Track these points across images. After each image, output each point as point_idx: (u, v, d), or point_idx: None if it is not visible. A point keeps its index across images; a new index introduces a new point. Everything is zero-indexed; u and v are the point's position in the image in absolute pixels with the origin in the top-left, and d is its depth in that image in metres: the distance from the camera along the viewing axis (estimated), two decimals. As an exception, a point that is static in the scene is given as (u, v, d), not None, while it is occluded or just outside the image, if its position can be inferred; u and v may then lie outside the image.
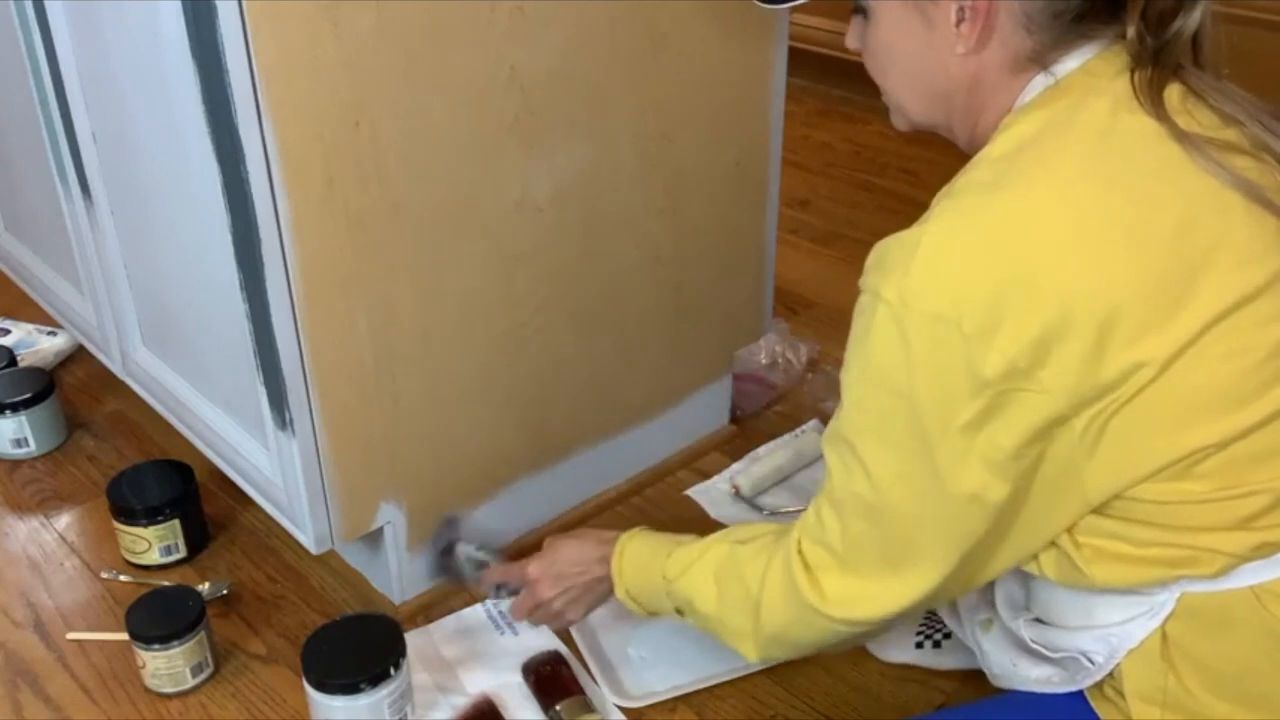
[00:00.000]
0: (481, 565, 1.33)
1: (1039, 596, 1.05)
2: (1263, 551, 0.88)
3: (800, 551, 0.99)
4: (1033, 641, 1.04)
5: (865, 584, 0.96)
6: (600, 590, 1.23)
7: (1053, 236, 0.85)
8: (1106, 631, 0.96)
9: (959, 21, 0.90)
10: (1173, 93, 0.89)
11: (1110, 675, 0.97)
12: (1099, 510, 0.90)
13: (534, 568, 1.26)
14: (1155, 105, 0.87)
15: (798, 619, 1.00)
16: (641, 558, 1.17)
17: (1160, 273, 0.84)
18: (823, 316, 1.99)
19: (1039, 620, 1.05)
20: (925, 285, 0.85)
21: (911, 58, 0.96)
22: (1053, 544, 0.94)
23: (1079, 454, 0.87)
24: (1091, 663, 0.97)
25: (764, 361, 1.81)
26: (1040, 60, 0.91)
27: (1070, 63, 0.91)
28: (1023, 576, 1.08)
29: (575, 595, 1.25)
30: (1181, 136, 0.87)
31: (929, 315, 0.85)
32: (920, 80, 0.97)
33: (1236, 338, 0.85)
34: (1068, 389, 0.84)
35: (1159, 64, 0.88)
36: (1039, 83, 0.92)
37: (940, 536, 0.92)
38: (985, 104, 0.95)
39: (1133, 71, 0.89)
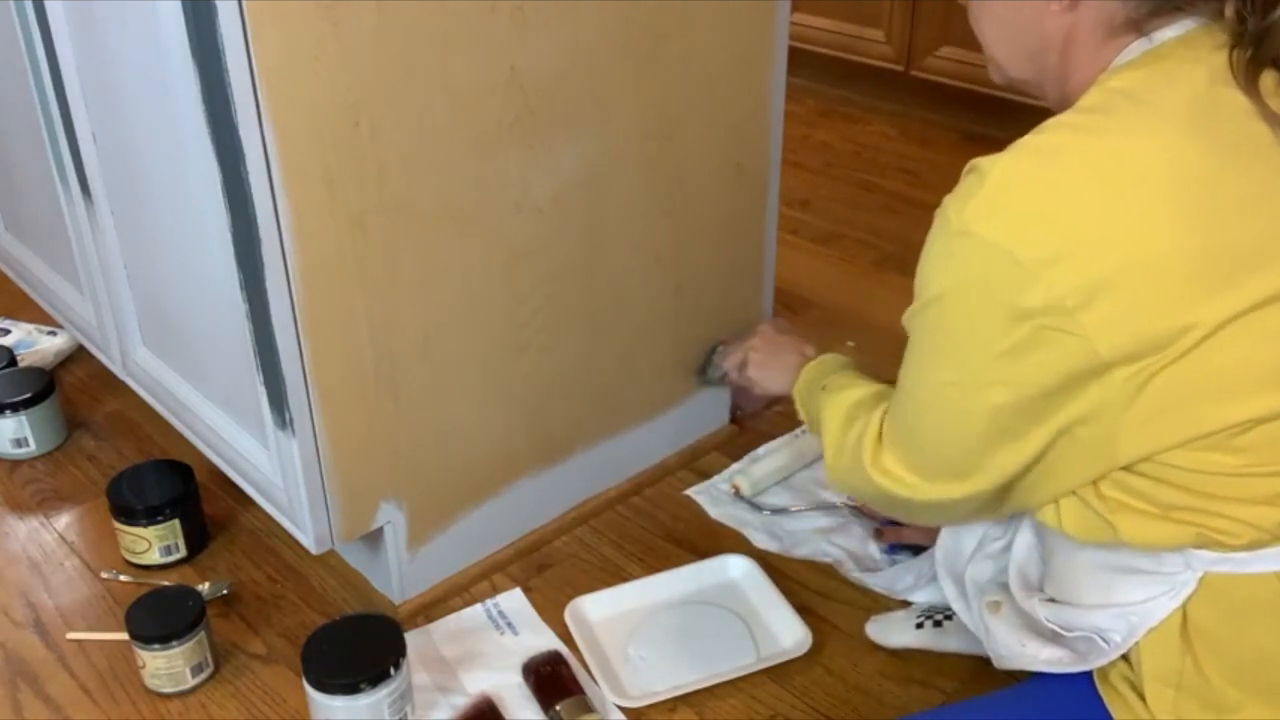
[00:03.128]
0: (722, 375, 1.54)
1: (1056, 574, 1.05)
2: None
3: (878, 422, 1.07)
4: (1048, 620, 1.04)
5: (907, 465, 1.02)
6: (785, 378, 1.34)
7: (1128, 187, 0.85)
8: (1126, 609, 0.96)
9: None
10: (1268, 78, 0.89)
11: (1123, 659, 0.97)
12: (1126, 468, 0.91)
13: (764, 327, 1.48)
14: (1250, 84, 0.88)
15: (854, 469, 1.08)
16: (821, 369, 1.28)
17: (1229, 242, 0.85)
18: (823, 316, 1.99)
19: (1053, 600, 1.05)
20: (986, 212, 0.88)
21: (1007, 12, 0.97)
22: (1074, 495, 0.96)
23: (1115, 408, 0.88)
24: (1107, 642, 0.97)
25: (764, 361, 1.81)
26: (1137, 26, 0.91)
27: (1168, 32, 0.91)
28: (1040, 555, 1.09)
29: (768, 363, 1.41)
30: (1273, 119, 0.87)
31: (985, 241, 0.87)
32: (1015, 36, 0.98)
33: None
34: (1110, 337, 0.85)
35: (1259, 47, 0.88)
36: (1136, 47, 0.92)
37: (972, 441, 0.95)
38: (1077, 64, 0.95)
39: (1231, 50, 0.89)
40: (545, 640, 1.34)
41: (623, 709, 1.25)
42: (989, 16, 1.00)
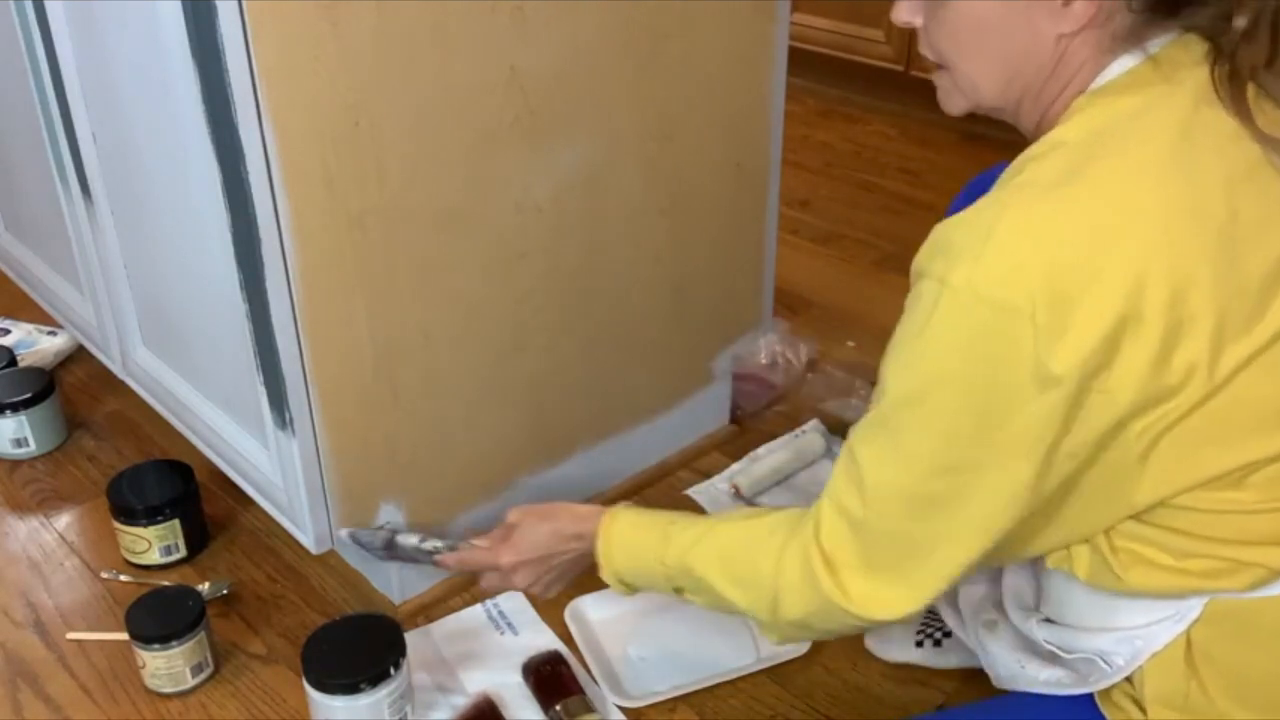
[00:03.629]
0: (432, 552, 1.25)
1: (1053, 596, 1.03)
2: None
3: (820, 545, 0.94)
4: (1046, 642, 1.02)
5: (892, 582, 0.92)
6: (581, 566, 1.19)
7: (1135, 230, 0.81)
8: (1130, 634, 0.94)
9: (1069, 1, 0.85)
10: (1246, 86, 0.85)
11: (1126, 679, 0.95)
12: (1140, 517, 0.89)
13: (507, 557, 1.19)
14: (1238, 103, 0.84)
15: (819, 611, 0.96)
16: (633, 540, 1.11)
17: (1239, 279, 0.82)
18: (823, 316, 1.99)
19: (1051, 620, 1.03)
20: (1000, 273, 0.80)
21: (1002, 35, 0.88)
22: (1087, 543, 0.93)
23: (1131, 459, 0.85)
24: (1109, 664, 0.96)
25: (764, 361, 1.81)
26: (1132, 39, 0.86)
27: (1154, 46, 0.86)
28: (1032, 574, 1.07)
29: (554, 577, 1.21)
30: (1262, 139, 0.84)
31: (1002, 305, 0.80)
32: (1007, 60, 0.89)
33: None
34: (1131, 391, 0.81)
35: (1242, 60, 0.84)
36: (1121, 64, 0.87)
37: (978, 529, 0.89)
38: (1065, 86, 0.89)
39: (1213, 64, 0.85)
40: (545, 640, 1.34)
41: (623, 709, 1.25)
42: (976, 41, 0.90)
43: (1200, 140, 0.84)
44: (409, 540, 1.27)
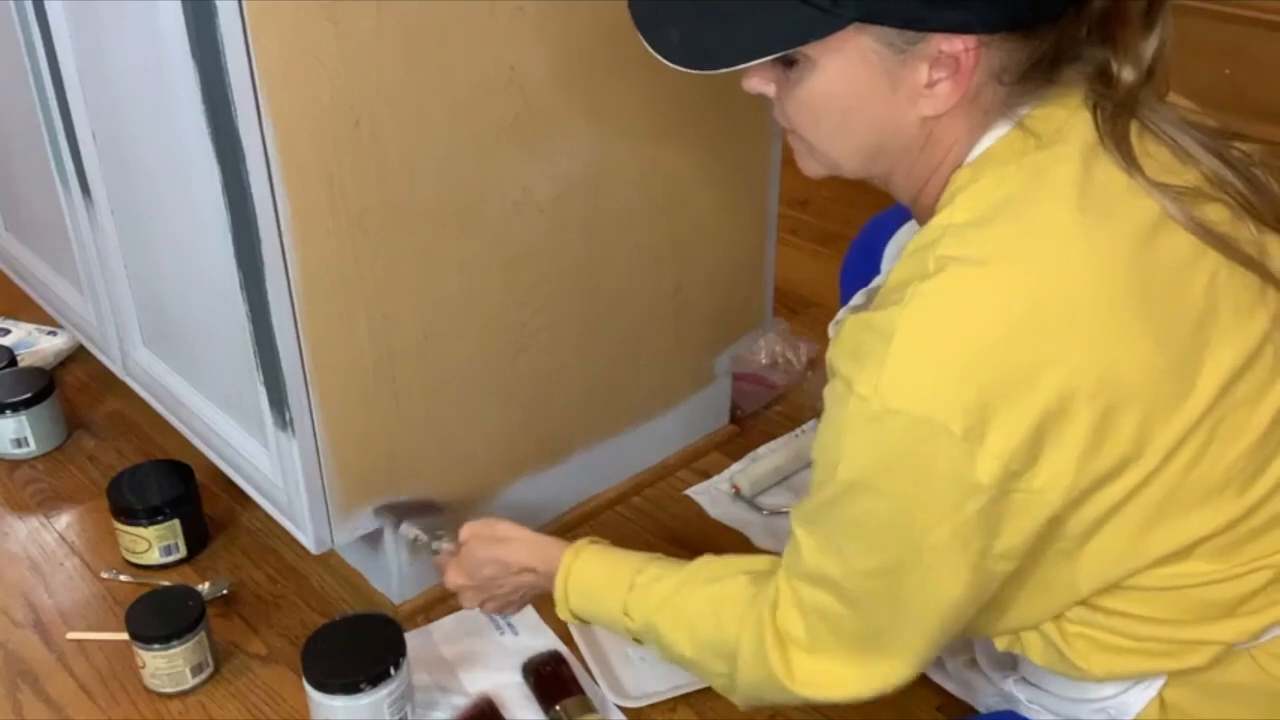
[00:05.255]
0: (422, 546, 1.27)
1: (1026, 665, 1.00)
2: (1261, 632, 0.85)
3: (775, 622, 0.91)
4: (1029, 702, 1.00)
5: (835, 667, 0.90)
6: (530, 598, 1.18)
7: (1048, 322, 0.77)
8: (1102, 704, 0.92)
9: (933, 83, 0.80)
10: (1130, 131, 0.82)
11: None
12: (1089, 602, 0.86)
13: (453, 576, 1.18)
14: (1127, 158, 0.81)
15: (766, 684, 0.93)
16: (596, 586, 1.07)
17: (1162, 354, 0.78)
18: (823, 316, 1.99)
19: (1028, 681, 1.01)
20: (905, 382, 0.77)
21: (859, 116, 0.84)
22: (1036, 630, 0.91)
23: (1071, 549, 0.83)
24: None
25: (764, 361, 1.81)
26: (1004, 111, 0.83)
27: (1026, 108, 0.83)
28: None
29: (499, 605, 1.19)
30: (1156, 190, 0.80)
31: (912, 417, 0.76)
32: (865, 139, 0.85)
33: (1235, 417, 0.81)
34: (1063, 488, 0.78)
35: (1125, 104, 0.81)
36: (996, 132, 0.83)
37: (919, 629, 0.86)
38: (939, 162, 0.85)
39: (1094, 111, 0.82)
40: (545, 640, 1.34)
41: (623, 709, 1.25)
42: (831, 120, 0.85)
43: (1097, 204, 0.80)
44: (409, 532, 1.27)
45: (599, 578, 1.07)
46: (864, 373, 0.79)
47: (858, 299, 1.03)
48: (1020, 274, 0.78)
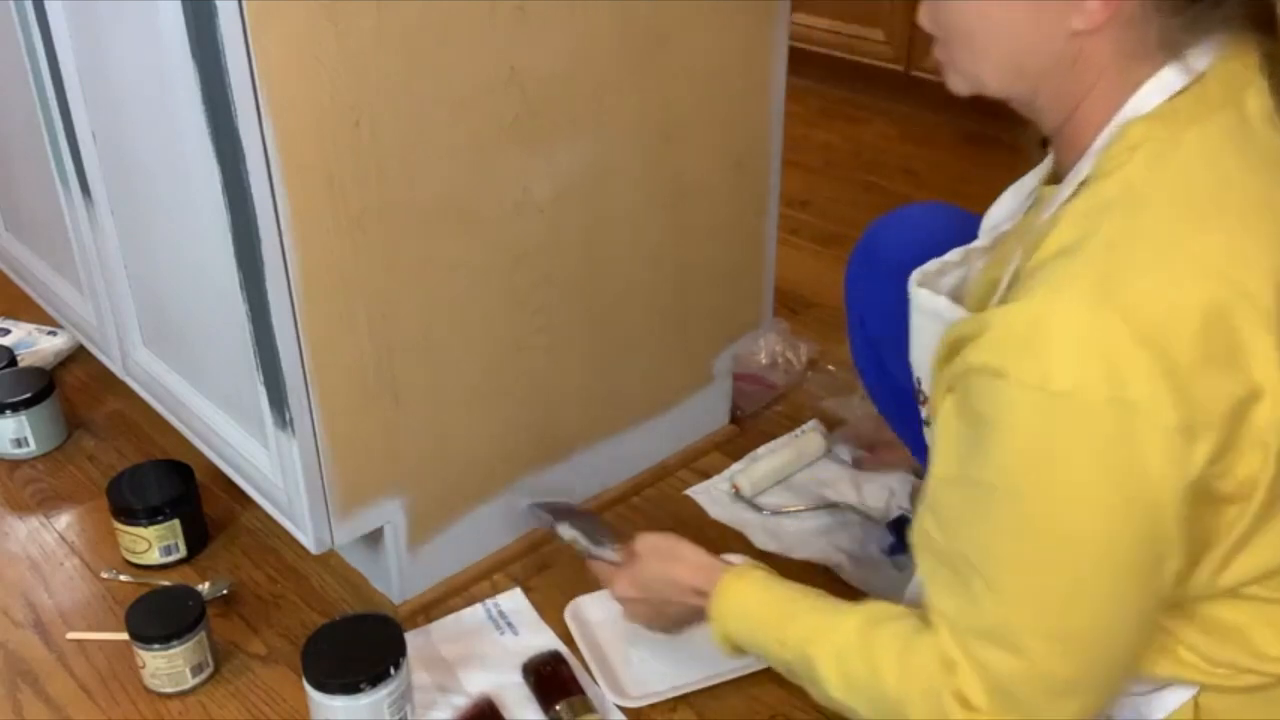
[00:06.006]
0: (581, 550, 1.29)
1: None
2: None
3: (953, 682, 0.84)
4: None
5: (1040, 694, 0.83)
6: (692, 619, 1.16)
7: (1244, 306, 0.74)
8: (1136, 699, 0.90)
9: None
10: None
11: None
12: (1189, 609, 0.84)
13: (623, 588, 1.20)
14: None
15: None
16: (753, 613, 1.05)
17: None
18: (823, 316, 1.99)
19: None
20: (1082, 365, 0.72)
21: (1008, 30, 0.82)
22: None
23: (1240, 529, 0.79)
24: None
25: (764, 361, 1.81)
26: (1167, 47, 0.79)
27: (1202, 57, 0.79)
28: None
29: (665, 624, 1.21)
30: None
31: (1107, 400, 0.71)
32: (1013, 56, 0.83)
33: None
34: (1252, 466, 0.76)
35: None
36: (1167, 81, 0.79)
37: (1119, 655, 0.82)
38: (1090, 88, 0.82)
39: (1272, 76, 0.79)
40: (545, 640, 1.34)
41: (623, 709, 1.25)
42: (980, 34, 0.84)
43: (1270, 175, 0.78)
44: (567, 534, 1.31)
45: (757, 605, 1.05)
46: (1024, 360, 0.74)
47: (953, 255, 0.99)
48: (1216, 254, 0.75)
